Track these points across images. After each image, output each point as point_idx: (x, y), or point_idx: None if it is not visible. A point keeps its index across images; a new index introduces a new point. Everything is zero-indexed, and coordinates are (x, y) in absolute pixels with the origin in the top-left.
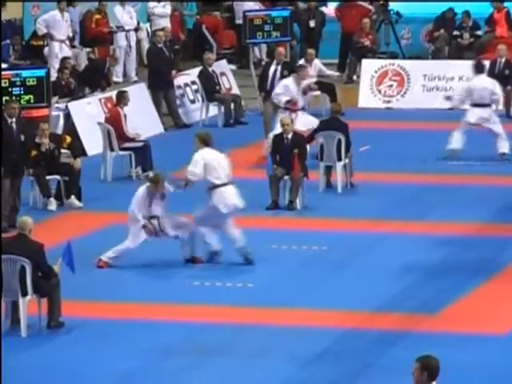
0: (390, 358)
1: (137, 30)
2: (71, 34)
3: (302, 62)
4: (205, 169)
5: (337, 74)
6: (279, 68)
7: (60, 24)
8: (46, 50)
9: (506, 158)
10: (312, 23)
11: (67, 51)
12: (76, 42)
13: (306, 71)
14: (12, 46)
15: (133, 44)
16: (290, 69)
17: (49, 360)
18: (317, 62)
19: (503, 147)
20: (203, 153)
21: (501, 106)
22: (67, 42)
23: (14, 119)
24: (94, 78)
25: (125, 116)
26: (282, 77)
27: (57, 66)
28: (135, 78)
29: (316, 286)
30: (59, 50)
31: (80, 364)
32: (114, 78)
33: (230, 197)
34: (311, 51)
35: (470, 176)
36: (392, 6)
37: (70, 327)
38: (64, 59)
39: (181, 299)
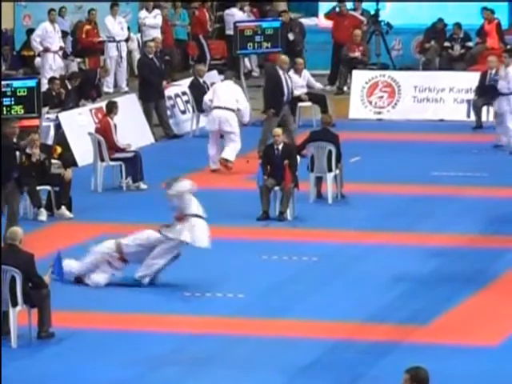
0: (380, 368)
1: (127, 40)
2: (63, 44)
3: (291, 72)
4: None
5: (321, 86)
6: (289, 77)
7: (52, 35)
8: (37, 60)
9: None
10: (291, 36)
11: (60, 62)
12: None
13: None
14: (2, 56)
15: (124, 54)
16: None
17: (39, 370)
18: (306, 72)
19: None
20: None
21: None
22: (60, 53)
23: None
24: (84, 88)
25: (115, 126)
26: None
27: (49, 76)
28: (126, 89)
29: (306, 296)
30: (53, 61)
31: (70, 374)
32: (105, 89)
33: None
34: (300, 60)
35: (461, 187)
36: (383, 17)
37: (60, 338)
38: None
39: (172, 310)
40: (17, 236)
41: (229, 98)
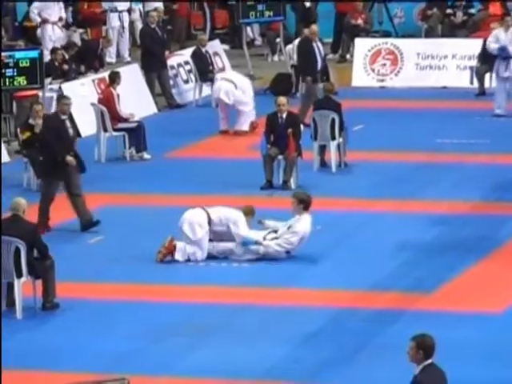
0: (386, 336)
1: (130, 10)
2: (63, 15)
3: (297, 41)
4: None
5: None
6: (320, 45)
7: (51, 6)
8: (38, 31)
9: None
10: (308, 3)
11: (59, 33)
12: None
13: None
14: (4, 27)
15: (126, 25)
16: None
17: (44, 341)
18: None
19: None
20: None
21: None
22: (59, 24)
23: (67, 116)
24: (87, 59)
25: (118, 96)
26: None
27: (50, 47)
28: (128, 59)
29: (310, 265)
30: (52, 32)
31: (75, 345)
32: (108, 59)
33: None
34: (314, 28)
35: (464, 154)
36: None
37: (65, 308)
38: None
39: (176, 280)
40: (20, 206)
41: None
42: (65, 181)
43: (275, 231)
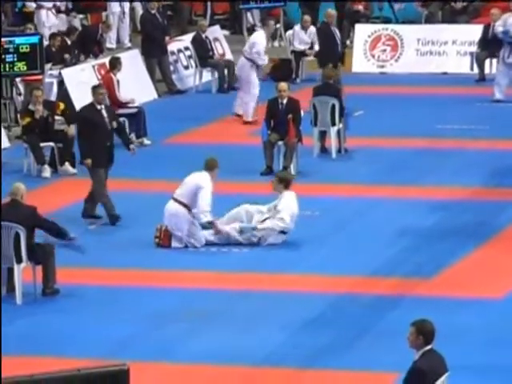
0: (386, 322)
1: None
2: (57, 3)
3: (297, 27)
4: None
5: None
6: (336, 30)
7: None
8: (36, 17)
9: None
10: None
11: (53, 19)
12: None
13: None
14: (4, 13)
15: (126, 10)
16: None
17: (44, 327)
18: (312, 29)
19: None
20: None
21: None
22: (53, 10)
23: (103, 106)
24: (86, 44)
25: (118, 82)
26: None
27: (45, 33)
28: (129, 45)
29: (310, 251)
30: (46, 18)
31: (76, 331)
32: (108, 45)
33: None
34: (307, 18)
35: (464, 140)
36: None
37: (65, 294)
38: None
39: (176, 265)
40: (19, 191)
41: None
42: (106, 168)
43: (264, 216)
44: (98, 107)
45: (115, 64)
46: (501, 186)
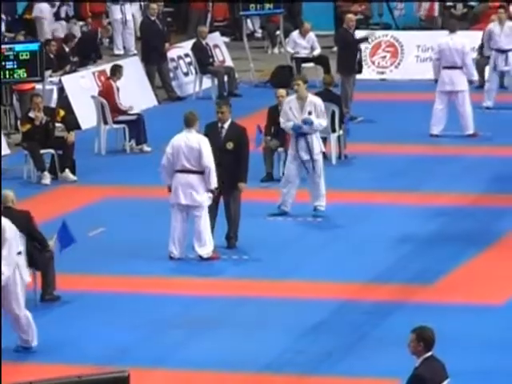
0: (386, 328)
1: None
2: (54, 10)
3: (295, 33)
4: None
5: (319, 52)
6: (354, 34)
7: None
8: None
9: None
10: None
11: (46, 27)
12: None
13: None
14: (5, 19)
15: (129, 17)
16: None
17: (44, 334)
18: (311, 35)
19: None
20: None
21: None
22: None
23: (225, 125)
24: (86, 50)
25: (118, 89)
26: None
27: (47, 38)
28: (135, 51)
29: (311, 257)
30: (48, 25)
31: (76, 337)
32: (115, 51)
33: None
34: (307, 24)
35: (464, 146)
36: None
37: (65, 301)
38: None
39: (177, 272)
40: (7, 198)
41: None
42: None
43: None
44: (219, 125)
45: (115, 71)
46: (501, 192)
